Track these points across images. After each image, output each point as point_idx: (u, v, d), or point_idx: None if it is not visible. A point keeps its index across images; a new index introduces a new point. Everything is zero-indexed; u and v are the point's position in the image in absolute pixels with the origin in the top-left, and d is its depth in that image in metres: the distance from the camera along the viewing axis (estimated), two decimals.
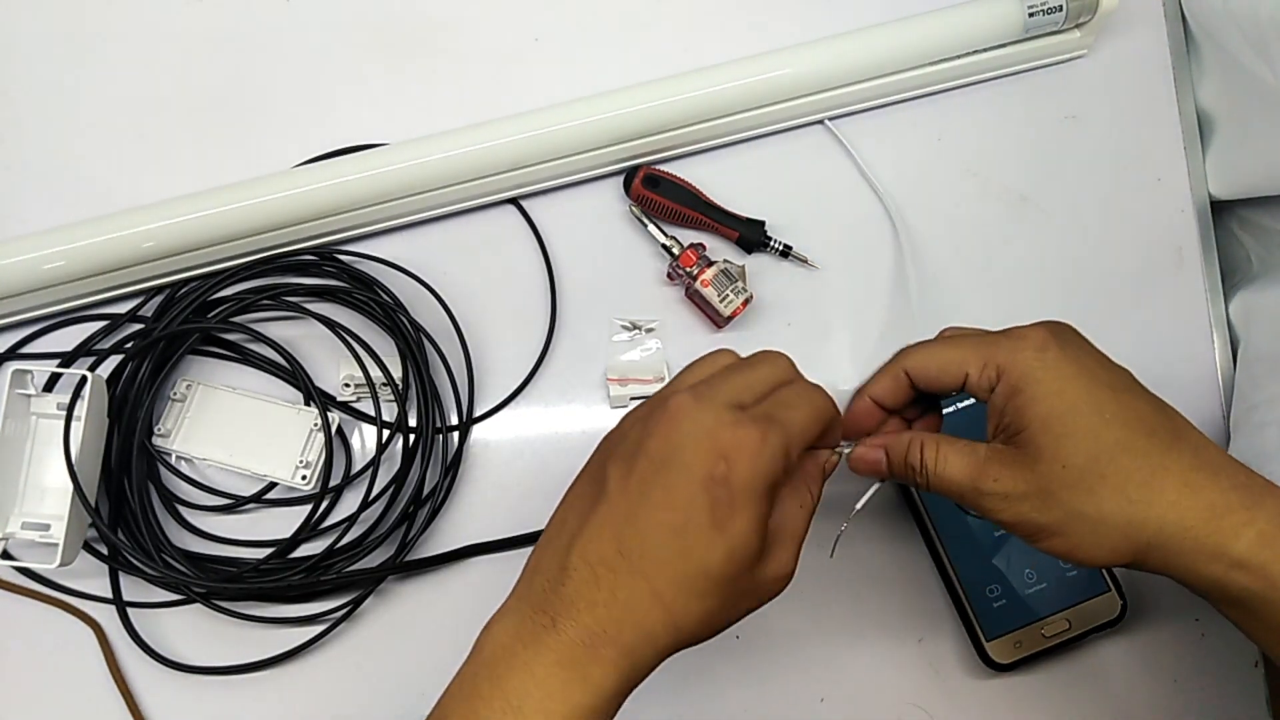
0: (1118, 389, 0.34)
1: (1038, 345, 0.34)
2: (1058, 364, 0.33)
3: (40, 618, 0.48)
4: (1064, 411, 0.33)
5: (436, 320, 0.52)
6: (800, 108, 0.55)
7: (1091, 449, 0.33)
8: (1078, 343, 0.36)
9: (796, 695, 0.50)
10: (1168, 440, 0.33)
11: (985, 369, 0.35)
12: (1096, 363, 0.35)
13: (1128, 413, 0.33)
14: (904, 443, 0.38)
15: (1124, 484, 0.33)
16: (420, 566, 0.49)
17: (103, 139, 0.54)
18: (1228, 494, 0.32)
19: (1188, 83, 0.60)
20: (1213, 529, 0.32)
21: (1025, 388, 0.34)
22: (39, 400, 0.48)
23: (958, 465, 0.36)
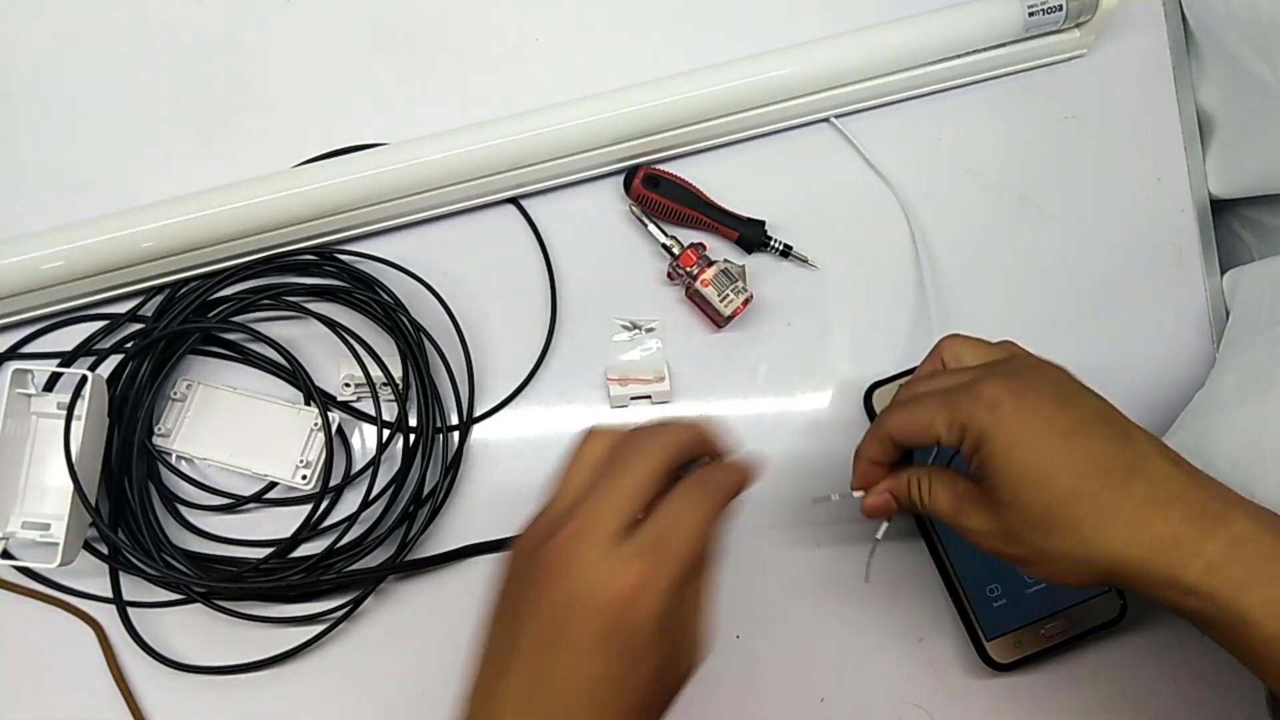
0: (1071, 433, 0.35)
1: (990, 403, 0.36)
2: (1009, 419, 0.36)
3: (40, 617, 0.48)
4: (1017, 465, 0.36)
5: (437, 320, 0.52)
6: (799, 108, 0.55)
7: (1044, 497, 0.35)
8: (1033, 387, 0.37)
9: (797, 695, 0.50)
10: (1121, 477, 0.35)
11: (951, 428, 0.38)
12: (1052, 406, 0.36)
13: (1079, 457, 0.35)
14: (904, 481, 0.42)
15: (1077, 526, 0.35)
16: (420, 566, 0.49)
17: (103, 139, 0.54)
18: (1178, 526, 0.34)
19: (1188, 82, 0.60)
20: (1163, 561, 0.34)
21: (983, 444, 0.36)
22: (39, 400, 0.48)
23: (943, 499, 0.40)
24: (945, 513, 0.40)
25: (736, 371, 0.54)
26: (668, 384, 0.52)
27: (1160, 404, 0.55)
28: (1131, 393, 0.55)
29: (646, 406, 0.53)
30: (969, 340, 0.42)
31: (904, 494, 0.42)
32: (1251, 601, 0.32)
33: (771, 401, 0.54)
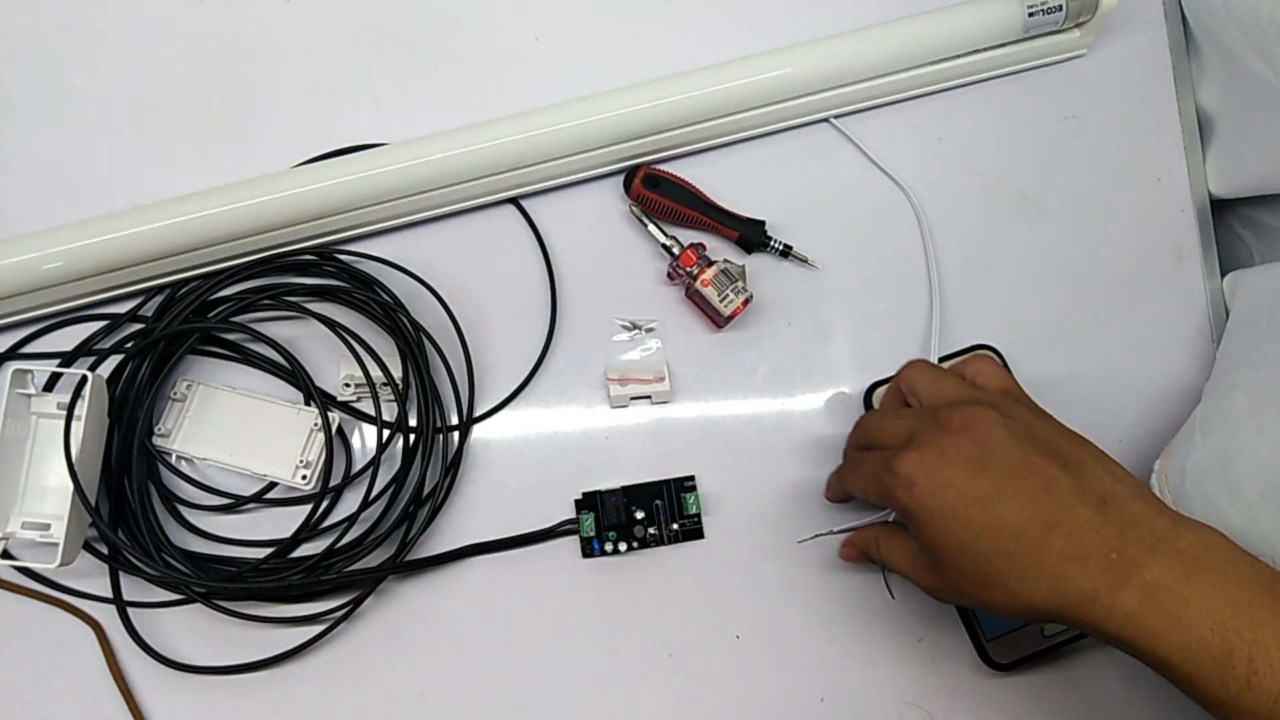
0: (984, 500, 0.38)
1: (905, 482, 0.39)
2: (924, 497, 0.39)
3: (40, 617, 0.48)
4: (940, 535, 0.39)
5: (436, 320, 0.52)
6: (799, 108, 0.55)
7: (970, 562, 0.38)
8: (947, 459, 0.39)
9: (797, 694, 0.50)
10: (1037, 536, 0.37)
11: (881, 500, 0.42)
12: (966, 475, 0.38)
13: (994, 523, 0.37)
14: (867, 539, 0.46)
15: (1005, 582, 0.38)
16: (420, 566, 0.49)
17: (103, 139, 0.54)
18: (1095, 580, 0.36)
19: (1187, 82, 0.60)
20: (1085, 611, 0.36)
21: (908, 519, 0.40)
22: (39, 400, 0.48)
23: (899, 559, 0.43)
24: (902, 571, 0.43)
25: (736, 371, 0.54)
26: (668, 384, 0.52)
27: (1160, 403, 0.55)
28: (1131, 392, 0.56)
29: (646, 406, 0.53)
30: (925, 371, 0.45)
31: (870, 551, 0.46)
32: (1167, 648, 0.35)
33: (771, 401, 0.54)
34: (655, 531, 0.50)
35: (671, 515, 0.51)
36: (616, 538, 0.50)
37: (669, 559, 0.51)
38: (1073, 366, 0.55)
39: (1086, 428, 0.41)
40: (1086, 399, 0.55)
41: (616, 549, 0.50)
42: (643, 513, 0.50)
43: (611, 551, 0.50)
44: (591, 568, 0.50)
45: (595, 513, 0.50)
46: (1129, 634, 0.35)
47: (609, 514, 0.50)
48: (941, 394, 0.43)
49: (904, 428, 0.42)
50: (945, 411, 0.41)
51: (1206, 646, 0.34)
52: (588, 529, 0.50)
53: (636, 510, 0.50)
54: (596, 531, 0.50)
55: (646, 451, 0.52)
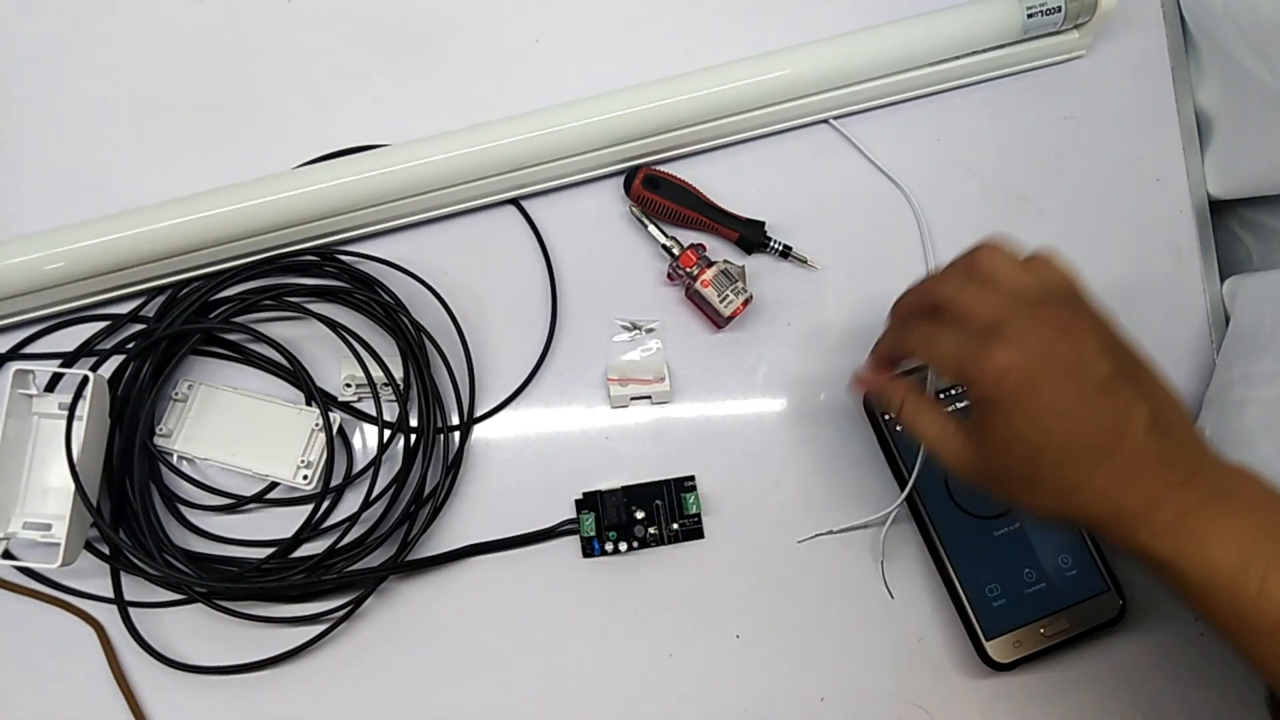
0: (1068, 412, 0.37)
1: (998, 376, 0.38)
2: (1013, 395, 0.37)
3: (42, 617, 0.48)
4: (1012, 433, 0.38)
5: (437, 320, 0.52)
6: (799, 109, 0.55)
7: (1027, 464, 0.38)
8: (1044, 362, 0.37)
9: (797, 694, 0.50)
10: (1105, 454, 0.37)
11: (957, 378, 0.40)
12: (1058, 382, 0.37)
13: (1070, 437, 0.37)
14: (894, 392, 0.45)
15: (1052, 489, 0.38)
16: (421, 566, 0.50)
17: (103, 139, 0.54)
18: (1139, 500, 0.37)
19: (1186, 83, 0.60)
20: (1116, 525, 0.38)
21: (983, 406, 0.39)
22: (41, 400, 0.48)
23: (929, 429, 0.43)
24: (928, 440, 0.42)
25: (736, 372, 0.54)
26: (668, 384, 0.52)
27: None
28: None
29: (647, 407, 0.53)
30: (1005, 257, 0.42)
31: (891, 404, 0.45)
32: (1186, 562, 0.36)
33: (771, 401, 0.54)
34: (655, 531, 0.50)
35: (672, 515, 0.51)
36: (617, 537, 0.50)
37: (669, 559, 0.51)
38: None
39: None
40: None
41: (617, 549, 0.50)
42: (643, 513, 0.50)
43: (612, 551, 0.50)
44: (592, 567, 0.51)
45: (596, 513, 0.50)
46: (1152, 547, 0.37)
47: (609, 514, 0.50)
48: (1025, 285, 0.40)
49: (991, 308, 0.39)
50: (1048, 309, 0.39)
51: (1224, 562, 0.36)
52: (588, 529, 0.50)
53: (637, 510, 0.50)
54: (597, 531, 0.50)
55: (647, 451, 0.52)
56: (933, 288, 0.43)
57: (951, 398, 0.52)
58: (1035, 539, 0.51)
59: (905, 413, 0.44)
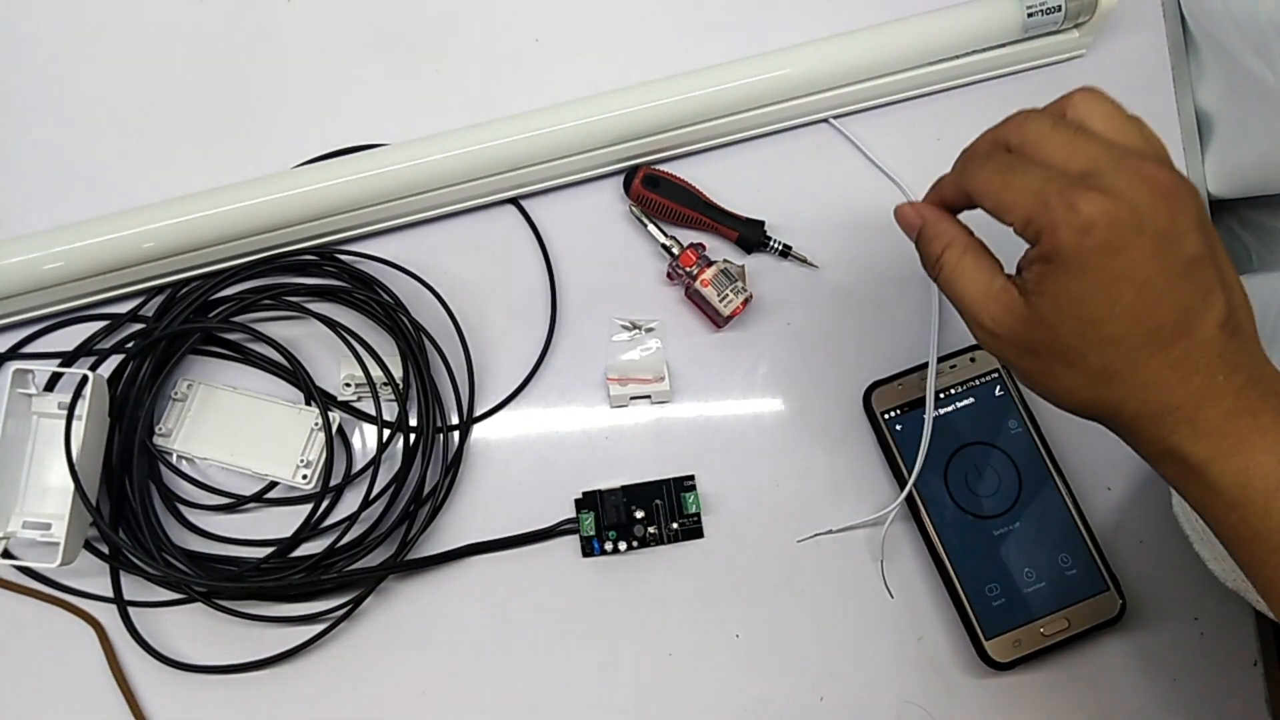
0: (1146, 284, 0.33)
1: (1083, 226, 0.33)
2: (1094, 251, 0.33)
3: (41, 617, 0.48)
4: (1075, 297, 0.34)
5: (437, 320, 0.52)
6: (798, 108, 0.55)
7: (1078, 338, 0.34)
8: (1137, 221, 0.33)
9: (796, 693, 0.50)
10: (1168, 338, 0.33)
11: (1029, 225, 0.34)
12: (1146, 249, 0.33)
13: (1140, 310, 0.33)
14: (941, 235, 0.39)
15: (1101, 371, 0.34)
16: (421, 566, 0.50)
17: (103, 139, 0.54)
18: (1187, 394, 0.34)
19: (1186, 82, 0.60)
20: (1153, 422, 0.34)
21: (1052, 261, 0.34)
22: (40, 400, 0.48)
23: (970, 284, 0.37)
24: (963, 299, 0.37)
25: (736, 371, 0.54)
26: (667, 384, 0.52)
27: None
28: None
29: (646, 406, 0.53)
30: (1105, 105, 0.38)
31: (927, 245, 0.39)
32: (1220, 469, 0.33)
33: (771, 401, 0.54)
34: (655, 531, 0.50)
35: (671, 515, 0.51)
36: (616, 537, 0.50)
37: (669, 558, 0.51)
38: None
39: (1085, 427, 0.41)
40: None
41: (616, 548, 0.50)
42: (642, 512, 0.50)
43: (611, 551, 0.50)
44: (591, 567, 0.51)
45: (595, 512, 0.50)
46: (1186, 449, 0.34)
47: (609, 513, 0.50)
48: (1128, 137, 0.36)
49: (1084, 153, 0.35)
50: (1149, 165, 0.34)
51: (1264, 475, 0.33)
52: (588, 528, 0.50)
53: (636, 510, 0.50)
54: (596, 531, 0.50)
55: (646, 451, 0.52)
56: (1017, 126, 0.37)
57: None
58: (1035, 538, 0.51)
59: (947, 259, 0.38)
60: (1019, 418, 0.53)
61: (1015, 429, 0.52)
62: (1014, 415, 0.53)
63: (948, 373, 0.53)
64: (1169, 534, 0.51)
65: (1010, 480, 0.52)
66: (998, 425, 0.52)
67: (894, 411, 0.52)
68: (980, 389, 0.53)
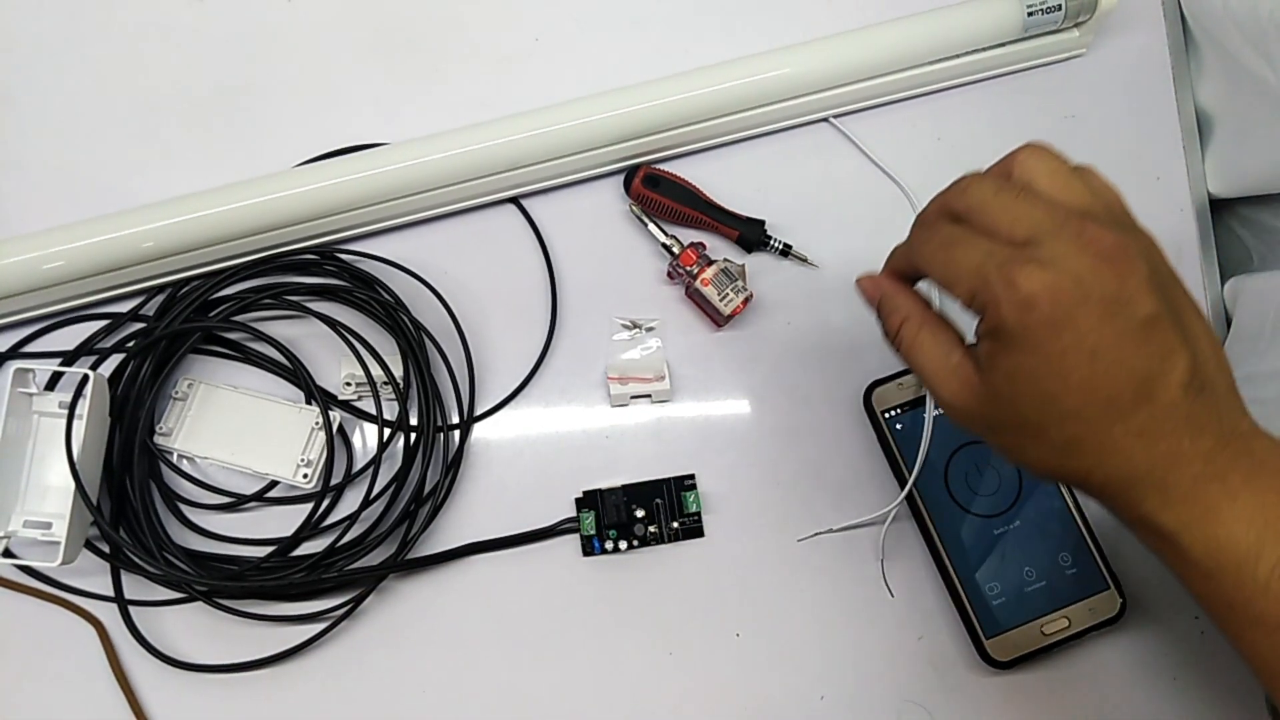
0: (1098, 353, 0.32)
1: (1024, 302, 0.32)
2: (1038, 329, 0.32)
3: (42, 616, 0.48)
4: (1028, 373, 0.33)
5: (437, 319, 0.52)
6: (798, 107, 0.55)
7: (1042, 409, 0.33)
8: (1080, 292, 0.32)
9: (796, 692, 0.50)
10: (1127, 407, 0.32)
11: (973, 301, 0.34)
12: (1093, 318, 0.32)
13: (1096, 379, 0.32)
14: (897, 309, 0.38)
15: (1064, 443, 0.33)
16: (421, 565, 0.50)
17: (103, 139, 0.54)
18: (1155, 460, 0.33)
19: (1187, 81, 0.60)
20: (1123, 490, 0.33)
21: (1000, 338, 0.33)
22: (41, 399, 0.48)
23: (929, 359, 0.36)
24: (925, 373, 0.37)
25: (736, 370, 0.54)
26: (668, 383, 0.52)
27: None
28: None
29: (646, 405, 0.53)
30: (1050, 161, 0.36)
31: (891, 319, 0.38)
32: (1192, 538, 0.33)
33: (771, 400, 0.54)
34: (655, 530, 0.50)
35: (672, 514, 0.51)
36: (617, 536, 0.50)
37: (669, 557, 0.51)
38: None
39: None
40: None
41: (617, 547, 0.50)
42: (643, 511, 0.50)
43: (612, 550, 0.50)
44: (592, 566, 0.51)
45: (596, 511, 0.50)
46: (1157, 518, 0.33)
47: (609, 512, 0.50)
48: (1071, 195, 0.35)
49: (1027, 220, 0.33)
50: (1093, 227, 0.33)
51: (1234, 543, 0.32)
52: (588, 527, 0.50)
53: (637, 509, 0.50)
54: (597, 530, 0.50)
55: (647, 450, 0.52)
56: (961, 192, 0.37)
57: None
58: (1036, 537, 0.51)
59: (904, 334, 0.37)
60: None
61: None
62: None
63: None
64: None
65: (1010, 479, 0.52)
66: None
67: (894, 410, 0.52)
68: None
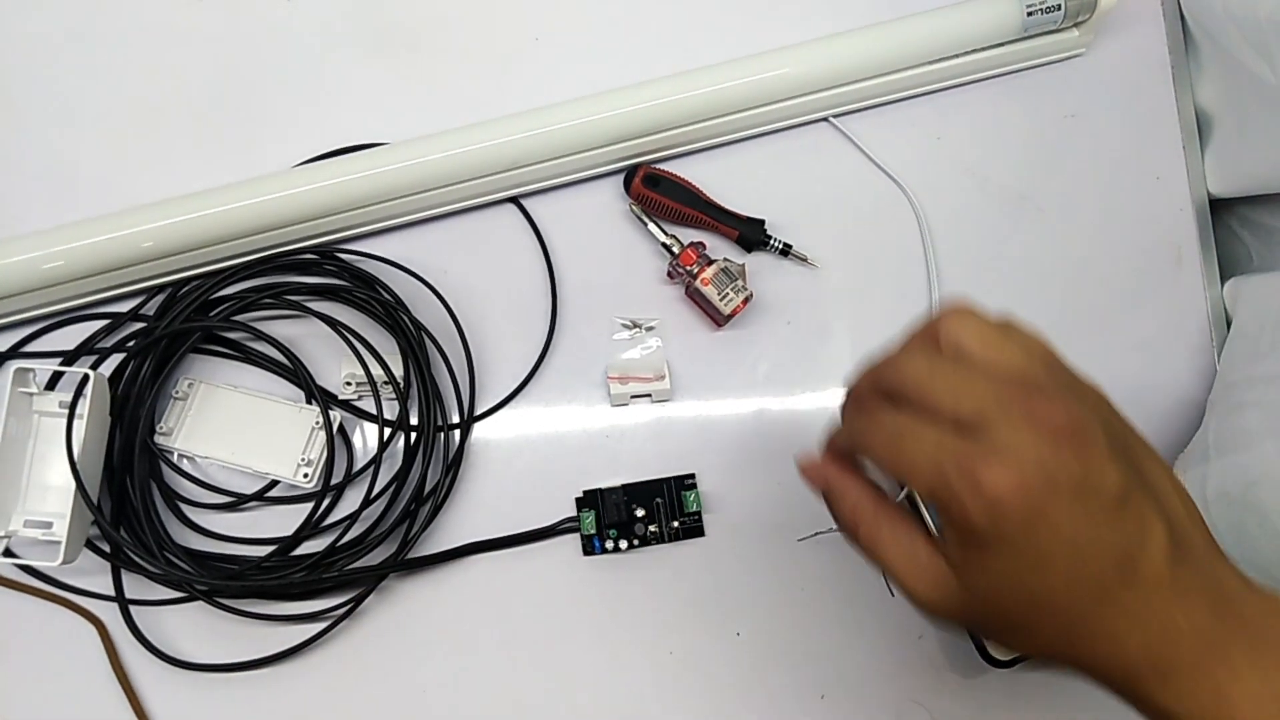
0: (1075, 540, 0.30)
1: (990, 502, 0.29)
2: (1012, 531, 0.29)
3: (43, 615, 0.48)
4: (1007, 573, 0.30)
5: (437, 319, 0.52)
6: (798, 107, 0.55)
7: (1027, 607, 0.31)
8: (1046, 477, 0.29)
9: (797, 691, 0.50)
10: (1114, 589, 0.30)
11: (931, 496, 0.31)
12: (1067, 509, 0.29)
13: (1079, 569, 0.30)
14: (847, 499, 0.35)
15: (1055, 635, 0.32)
16: (421, 564, 0.50)
17: (103, 139, 0.54)
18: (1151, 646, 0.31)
19: (1186, 81, 0.60)
20: (1141, 687, 0.31)
21: (970, 541, 0.31)
22: (41, 399, 0.48)
23: (896, 557, 0.34)
24: (891, 570, 0.34)
25: (736, 370, 0.54)
26: (668, 382, 0.52)
27: (1158, 402, 0.56)
28: (1130, 390, 0.55)
29: (647, 405, 0.53)
30: (975, 323, 0.33)
31: (842, 510, 0.35)
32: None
33: (771, 399, 0.54)
34: (656, 529, 0.50)
35: (672, 513, 0.51)
36: (617, 535, 0.50)
37: (669, 557, 0.51)
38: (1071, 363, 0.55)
39: None
40: None
41: (617, 547, 0.50)
42: (643, 510, 0.50)
43: (612, 549, 0.50)
44: (592, 565, 0.51)
45: (596, 510, 0.50)
46: (1164, 702, 0.30)
47: (610, 512, 0.50)
48: (1008, 359, 0.32)
49: (970, 398, 0.31)
50: (1040, 403, 0.30)
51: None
52: (588, 527, 0.50)
53: (637, 508, 0.50)
54: (597, 529, 0.50)
55: (647, 449, 0.52)
56: (894, 370, 0.34)
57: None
58: None
59: (861, 529, 0.34)
60: None
61: None
62: None
63: None
64: None
65: None
66: None
67: None
68: None
